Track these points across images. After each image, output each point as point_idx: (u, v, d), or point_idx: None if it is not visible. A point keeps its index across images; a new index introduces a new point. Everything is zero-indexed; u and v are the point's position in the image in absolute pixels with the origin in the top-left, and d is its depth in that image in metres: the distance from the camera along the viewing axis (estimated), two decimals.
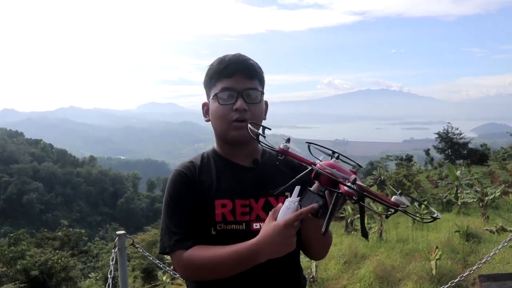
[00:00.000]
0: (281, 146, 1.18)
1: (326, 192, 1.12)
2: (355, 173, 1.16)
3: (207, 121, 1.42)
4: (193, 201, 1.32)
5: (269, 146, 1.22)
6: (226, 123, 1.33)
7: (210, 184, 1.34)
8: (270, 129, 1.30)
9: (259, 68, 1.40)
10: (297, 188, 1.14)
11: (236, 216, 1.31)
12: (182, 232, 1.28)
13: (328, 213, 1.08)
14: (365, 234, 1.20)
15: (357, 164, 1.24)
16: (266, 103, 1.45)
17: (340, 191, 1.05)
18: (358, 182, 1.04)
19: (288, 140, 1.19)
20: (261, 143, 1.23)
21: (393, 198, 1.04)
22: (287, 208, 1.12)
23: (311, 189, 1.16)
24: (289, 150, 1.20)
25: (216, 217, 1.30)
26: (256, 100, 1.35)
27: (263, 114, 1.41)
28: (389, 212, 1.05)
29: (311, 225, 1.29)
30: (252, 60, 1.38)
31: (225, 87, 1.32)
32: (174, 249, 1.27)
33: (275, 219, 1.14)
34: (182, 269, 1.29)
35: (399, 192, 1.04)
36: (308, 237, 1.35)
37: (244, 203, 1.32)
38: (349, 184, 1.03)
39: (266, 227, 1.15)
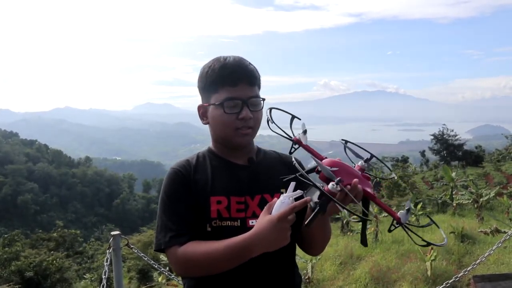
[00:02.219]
0: (297, 136, 1.24)
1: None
2: (368, 178, 1.22)
3: (205, 124, 1.42)
4: (188, 199, 1.33)
5: (285, 135, 1.29)
6: (231, 130, 1.34)
7: (205, 182, 1.36)
8: (300, 118, 1.36)
9: (258, 73, 1.41)
10: (292, 184, 1.15)
11: (231, 212, 1.32)
12: (178, 228, 1.29)
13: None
14: (364, 242, 1.21)
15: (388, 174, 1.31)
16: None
17: (323, 187, 1.09)
18: (341, 185, 1.08)
19: (305, 132, 1.26)
20: (275, 131, 1.30)
21: (399, 214, 1.13)
22: (282, 203, 1.13)
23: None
24: (305, 141, 1.27)
25: (211, 213, 1.31)
26: (259, 107, 1.38)
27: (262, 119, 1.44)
28: (392, 227, 1.14)
29: (319, 227, 1.31)
30: (252, 65, 1.38)
31: (230, 96, 1.32)
32: (169, 245, 1.28)
33: (270, 213, 1.15)
34: (177, 266, 1.29)
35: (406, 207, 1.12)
36: (310, 232, 1.37)
37: (240, 200, 1.34)
38: (332, 183, 1.07)
39: (260, 221, 1.16)
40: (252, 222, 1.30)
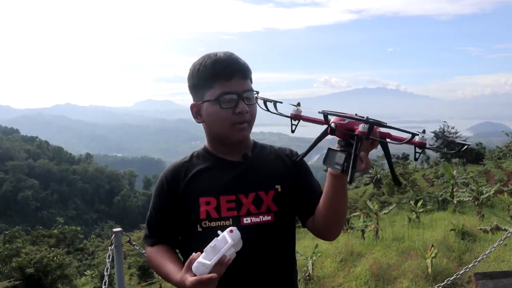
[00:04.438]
0: (293, 112, 1.27)
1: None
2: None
3: (200, 122, 1.40)
4: (168, 207, 1.39)
5: (281, 113, 1.34)
6: (228, 126, 1.32)
7: (195, 183, 1.37)
8: (281, 102, 1.39)
9: (249, 66, 1.40)
10: (224, 237, 1.14)
11: (221, 212, 1.32)
12: (149, 231, 1.45)
13: (351, 160, 1.08)
14: (397, 181, 1.16)
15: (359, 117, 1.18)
16: None
17: (356, 133, 1.08)
18: (372, 119, 1.08)
19: (298, 104, 1.28)
20: (272, 111, 1.35)
21: (417, 138, 1.05)
22: (202, 265, 1.12)
23: (332, 147, 1.18)
24: (301, 113, 1.29)
25: (201, 214, 1.32)
26: (253, 101, 1.36)
27: None
28: (416, 154, 1.07)
29: (338, 192, 1.26)
30: (241, 59, 1.37)
31: (226, 91, 1.30)
32: (143, 241, 1.46)
33: (191, 268, 1.15)
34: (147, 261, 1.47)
35: (422, 130, 1.06)
36: (333, 210, 1.30)
37: (230, 199, 1.33)
38: (362, 123, 1.06)
39: (182, 275, 1.18)
40: (246, 220, 1.30)
